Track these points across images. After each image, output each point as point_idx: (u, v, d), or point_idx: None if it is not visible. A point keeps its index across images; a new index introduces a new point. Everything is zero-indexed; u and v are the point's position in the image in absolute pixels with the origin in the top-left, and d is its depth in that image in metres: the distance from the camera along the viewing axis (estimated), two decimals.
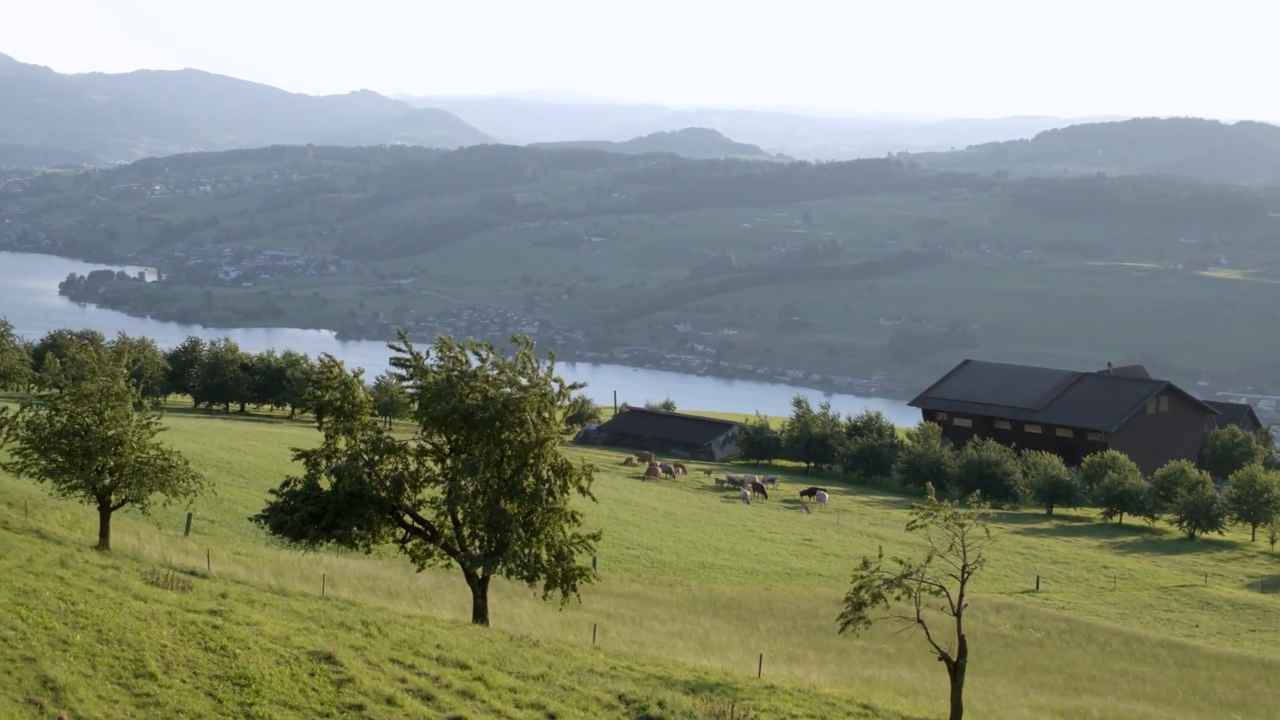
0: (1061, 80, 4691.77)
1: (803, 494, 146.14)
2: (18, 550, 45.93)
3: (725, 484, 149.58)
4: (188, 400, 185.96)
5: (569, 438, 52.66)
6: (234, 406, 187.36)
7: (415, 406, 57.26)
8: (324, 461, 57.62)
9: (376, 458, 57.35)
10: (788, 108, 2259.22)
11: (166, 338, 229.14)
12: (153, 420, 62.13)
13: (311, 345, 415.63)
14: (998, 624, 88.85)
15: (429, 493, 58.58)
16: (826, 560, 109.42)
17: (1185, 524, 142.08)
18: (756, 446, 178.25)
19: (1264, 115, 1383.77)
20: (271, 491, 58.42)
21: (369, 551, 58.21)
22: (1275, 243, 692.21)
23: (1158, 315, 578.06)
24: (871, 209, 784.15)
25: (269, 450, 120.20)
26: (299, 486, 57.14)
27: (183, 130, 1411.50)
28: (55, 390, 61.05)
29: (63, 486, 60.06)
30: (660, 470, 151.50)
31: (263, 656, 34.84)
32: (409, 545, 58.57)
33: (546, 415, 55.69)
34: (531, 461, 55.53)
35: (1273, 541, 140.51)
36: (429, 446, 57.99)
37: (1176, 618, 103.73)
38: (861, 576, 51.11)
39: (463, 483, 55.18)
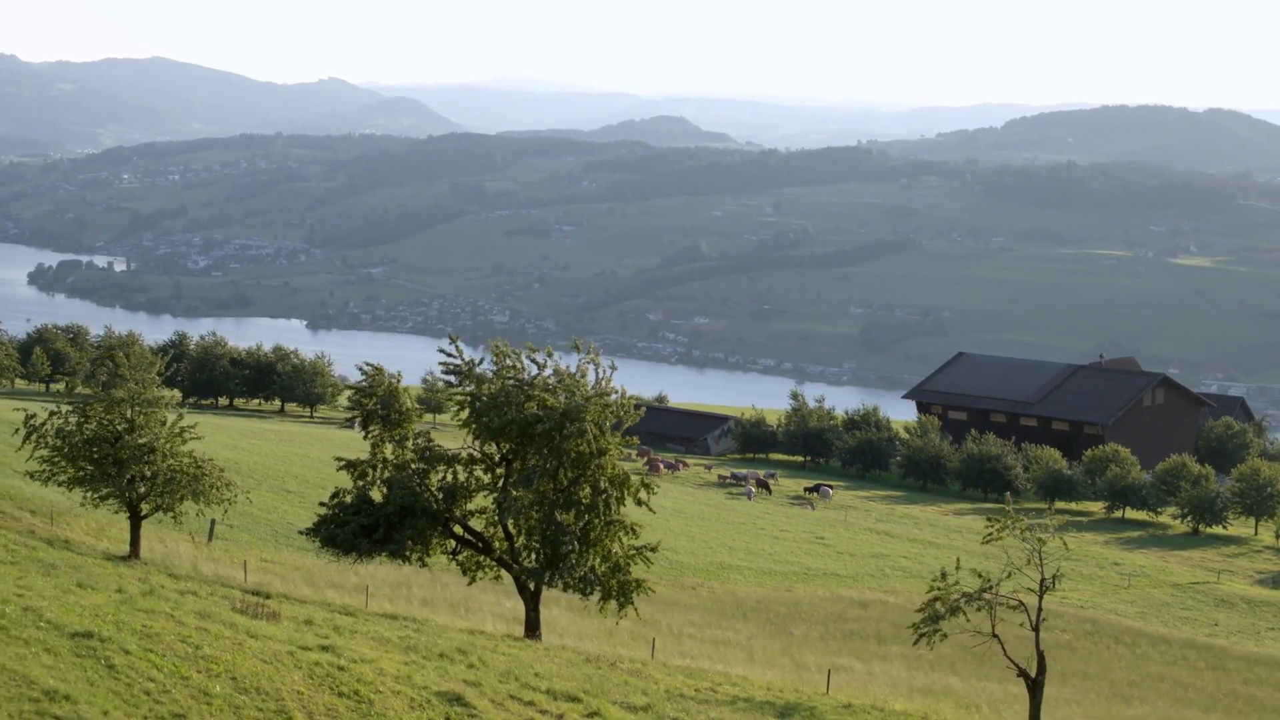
0: (1030, 68, 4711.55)
1: (807, 490, 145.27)
2: (101, 579, 44.41)
3: (728, 480, 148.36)
4: (175, 395, 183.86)
5: (631, 445, 51.01)
6: (222, 401, 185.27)
7: (465, 415, 55.70)
8: (371, 471, 56.16)
9: (425, 467, 55.95)
10: (757, 96, 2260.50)
11: (136, 328, 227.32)
12: (185, 429, 60.64)
13: (282, 335, 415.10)
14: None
15: (479, 502, 57.15)
16: (841, 559, 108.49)
17: (1189, 519, 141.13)
18: (753, 440, 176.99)
19: (1232, 103, 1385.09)
20: (321, 504, 56.90)
21: (424, 564, 56.75)
22: (1244, 230, 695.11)
23: (1128, 303, 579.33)
24: (842, 197, 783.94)
25: (273, 449, 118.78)
26: (348, 498, 55.64)
27: (151, 119, 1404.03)
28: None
29: (93, 496, 58.58)
30: (661, 466, 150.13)
31: (395, 700, 33.63)
32: (460, 557, 57.14)
33: (606, 425, 54.32)
34: (590, 473, 54.08)
35: (1278, 536, 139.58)
36: (478, 455, 56.48)
37: (1195, 616, 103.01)
38: (938, 589, 50.01)
39: (516, 494, 53.77)
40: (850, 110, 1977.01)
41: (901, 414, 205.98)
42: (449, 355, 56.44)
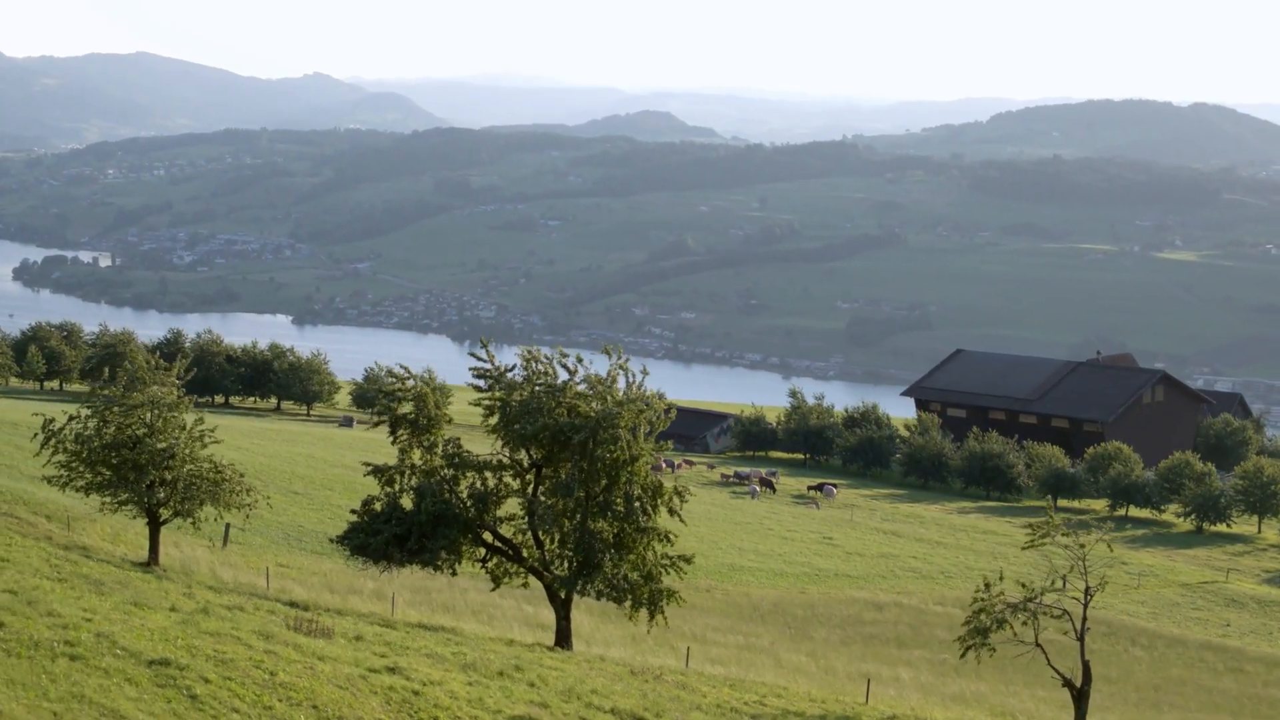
0: (1015, 62, 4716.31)
1: (810, 489, 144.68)
2: (150, 596, 43.62)
3: (731, 479, 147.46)
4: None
5: (664, 452, 50.16)
6: (218, 399, 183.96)
7: (494, 420, 54.92)
8: (399, 478, 55.29)
9: (453, 473, 55.10)
10: (742, 90, 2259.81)
11: (122, 323, 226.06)
12: (205, 432, 59.91)
13: (268, 330, 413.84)
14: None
15: (507, 508, 56.34)
16: (851, 560, 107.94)
17: (1193, 517, 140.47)
18: (753, 438, 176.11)
19: (1217, 97, 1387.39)
20: (352, 511, 55.99)
21: (455, 573, 55.86)
22: (1230, 225, 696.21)
23: (1114, 297, 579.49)
24: (828, 191, 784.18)
25: (277, 450, 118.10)
26: (379, 506, 54.76)
27: (135, 114, 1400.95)
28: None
29: (112, 502, 57.80)
30: (664, 464, 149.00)
31: None
32: (489, 564, 56.30)
33: (640, 432, 53.56)
34: (623, 480, 53.32)
35: None
36: (506, 461, 55.62)
37: (1206, 616, 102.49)
38: (981, 600, 49.34)
39: (550, 502, 53.03)
40: (834, 104, 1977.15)
41: (896, 410, 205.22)
42: (480, 360, 55.69)
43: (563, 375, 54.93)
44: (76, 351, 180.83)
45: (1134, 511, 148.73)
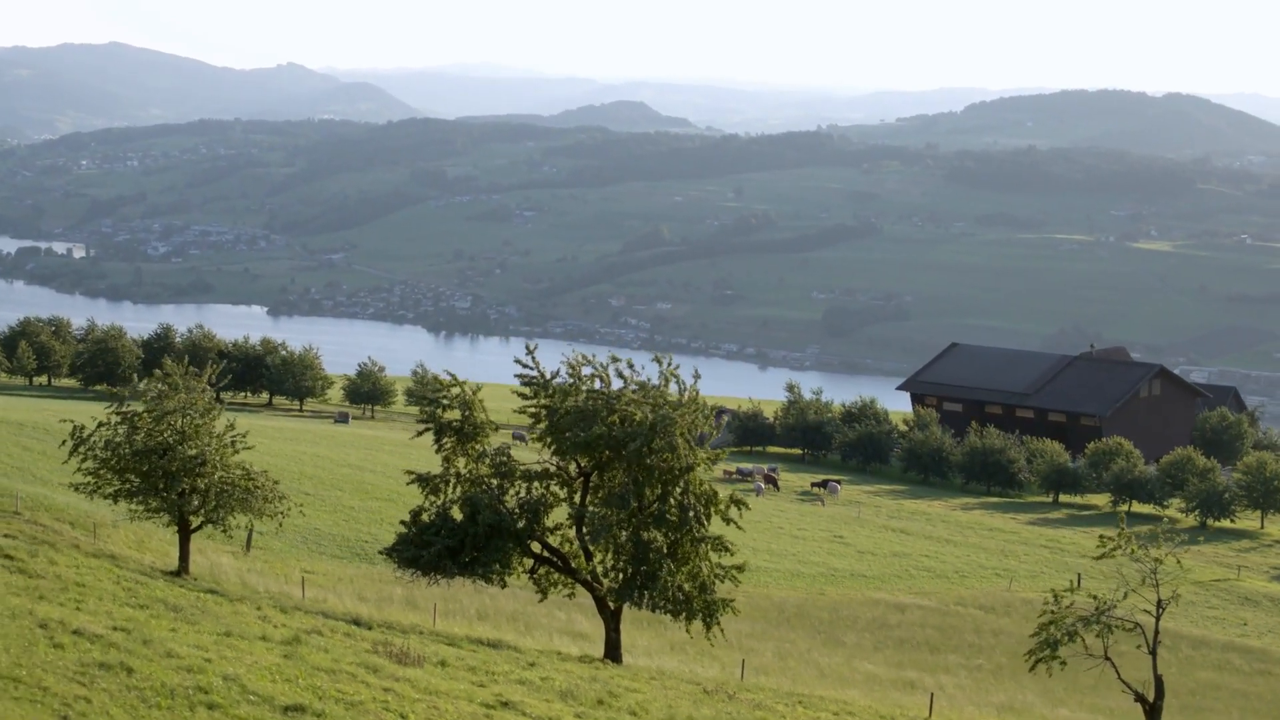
0: (989, 52, 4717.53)
1: (814, 485, 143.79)
2: (236, 624, 42.18)
3: (734, 476, 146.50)
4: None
5: (720, 460, 48.98)
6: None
7: (543, 428, 53.82)
8: (444, 487, 54.01)
9: (499, 483, 53.88)
10: (716, 80, 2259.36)
11: (96, 314, 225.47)
12: (237, 438, 58.78)
13: (243, 321, 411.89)
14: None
15: (554, 517, 55.23)
16: (864, 559, 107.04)
17: (1197, 513, 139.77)
18: (750, 434, 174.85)
19: (1191, 88, 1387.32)
20: (401, 523, 54.69)
21: (504, 585, 54.56)
22: (1204, 215, 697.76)
23: (1089, 287, 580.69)
24: (803, 182, 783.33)
25: (281, 449, 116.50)
26: (427, 516, 53.51)
27: (108, 104, 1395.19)
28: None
29: (142, 510, 56.70)
30: None
31: None
32: (538, 574, 55.15)
33: (693, 439, 52.55)
34: (678, 489, 52.28)
35: None
36: (554, 470, 54.47)
37: (1222, 615, 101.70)
38: (1052, 612, 48.43)
39: (604, 512, 51.92)
40: (808, 94, 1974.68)
41: (886, 403, 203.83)
42: (526, 367, 54.53)
43: (616, 382, 53.80)
44: (66, 346, 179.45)
45: (1136, 507, 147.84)
